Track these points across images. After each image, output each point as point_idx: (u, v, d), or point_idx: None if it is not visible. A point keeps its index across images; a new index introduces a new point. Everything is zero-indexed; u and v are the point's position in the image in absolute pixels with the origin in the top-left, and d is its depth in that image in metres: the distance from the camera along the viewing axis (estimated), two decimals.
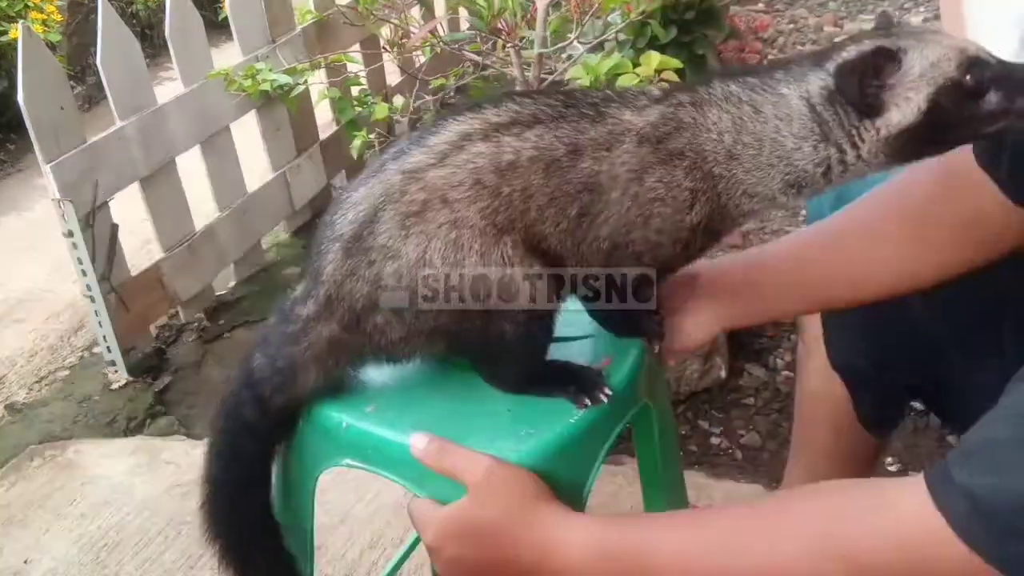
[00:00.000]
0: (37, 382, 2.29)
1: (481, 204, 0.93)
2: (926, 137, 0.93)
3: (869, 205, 1.10)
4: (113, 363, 2.22)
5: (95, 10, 2.11)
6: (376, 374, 1.05)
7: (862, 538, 0.75)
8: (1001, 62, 0.92)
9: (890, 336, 1.17)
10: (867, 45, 0.93)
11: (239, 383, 1.06)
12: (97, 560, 1.71)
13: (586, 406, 0.98)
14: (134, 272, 2.25)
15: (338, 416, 1.00)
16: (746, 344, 2.11)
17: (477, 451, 0.92)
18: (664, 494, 1.22)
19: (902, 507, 0.74)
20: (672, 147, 0.95)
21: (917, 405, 1.71)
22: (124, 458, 1.95)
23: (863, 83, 0.91)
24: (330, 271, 0.97)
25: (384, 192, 0.95)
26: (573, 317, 1.08)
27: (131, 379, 2.22)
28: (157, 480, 1.89)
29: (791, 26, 3.98)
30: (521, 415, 0.98)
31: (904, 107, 0.91)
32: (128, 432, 2.08)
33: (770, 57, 3.71)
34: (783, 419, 1.93)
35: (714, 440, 1.90)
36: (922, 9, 3.97)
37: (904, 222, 1.05)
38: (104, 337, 2.19)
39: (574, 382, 1.00)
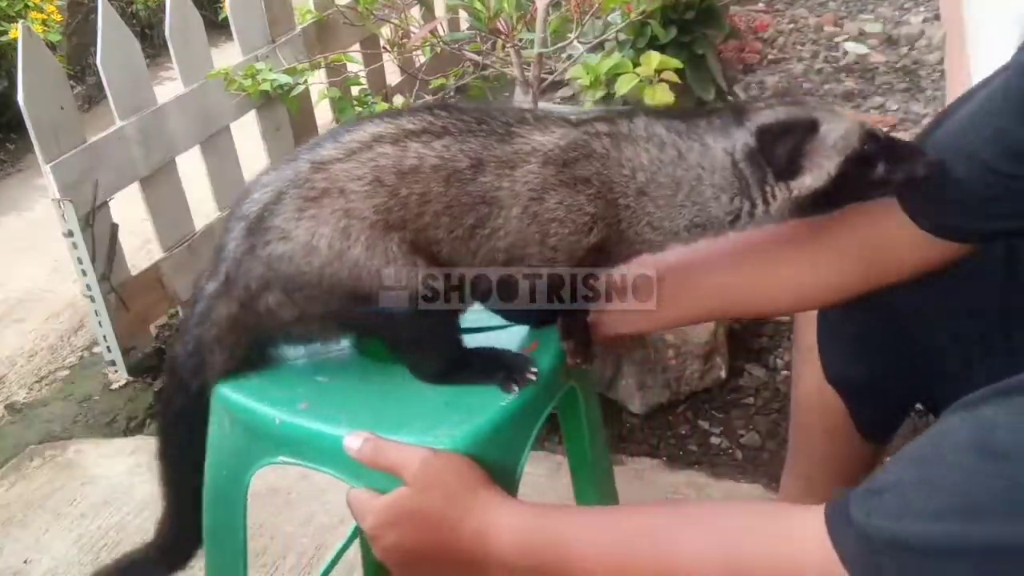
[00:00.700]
0: (37, 382, 2.30)
1: (377, 200, 0.97)
2: (827, 199, 1.00)
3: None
4: (113, 363, 2.22)
5: (95, 10, 2.11)
6: (308, 370, 1.08)
7: (762, 560, 0.78)
8: (888, 137, 1.02)
9: (885, 347, 1.17)
10: (790, 113, 1.01)
11: (166, 372, 1.14)
12: (97, 560, 1.71)
13: (514, 390, 1.01)
14: (134, 272, 2.25)
15: (272, 413, 1.02)
16: (746, 344, 2.12)
17: (411, 444, 0.95)
18: (593, 474, 1.27)
19: (804, 538, 0.75)
20: (578, 173, 0.99)
21: (919, 406, 1.71)
22: (124, 458, 1.95)
23: (789, 147, 0.98)
24: (231, 248, 1.02)
25: (291, 178, 1.00)
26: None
27: (131, 379, 2.22)
28: (157, 480, 1.89)
29: (791, 26, 3.98)
30: (454, 403, 1.01)
31: (817, 172, 0.99)
32: (128, 432, 2.08)
33: (770, 57, 3.71)
34: (783, 419, 1.93)
35: (714, 440, 1.90)
36: (922, 9, 3.97)
37: (805, 244, 1.08)
38: (104, 337, 2.19)
39: (500, 368, 1.03)
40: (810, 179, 0.99)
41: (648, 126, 1.02)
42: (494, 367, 1.04)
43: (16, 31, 3.11)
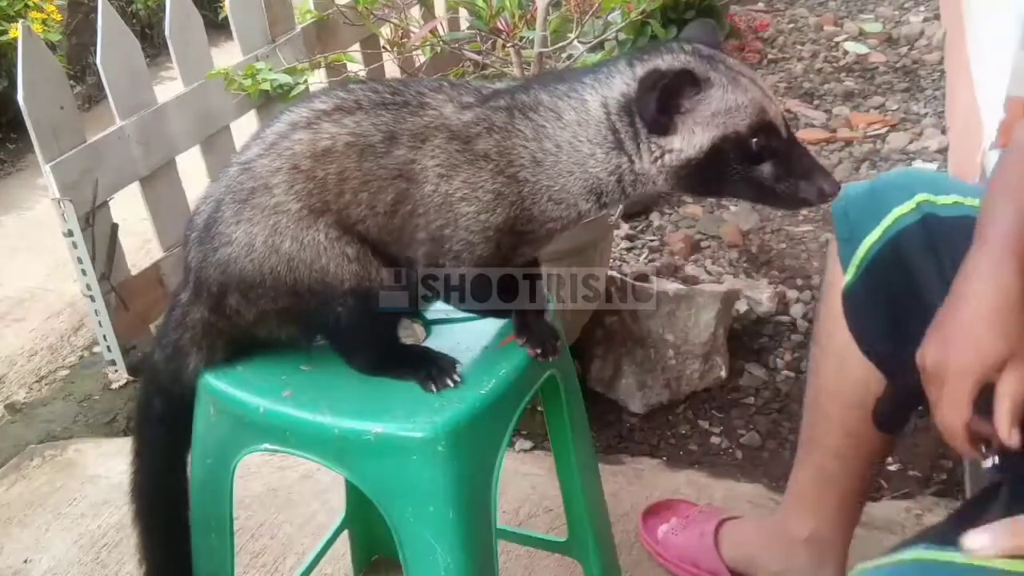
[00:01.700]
0: (37, 381, 2.29)
1: (297, 187, 0.99)
2: (703, 176, 0.93)
3: None
4: (113, 362, 2.22)
5: (95, 10, 2.11)
6: (291, 359, 1.11)
7: None
8: (791, 140, 0.92)
9: (908, 325, 1.13)
10: (678, 61, 0.93)
11: (145, 377, 1.17)
12: (97, 559, 1.71)
13: (433, 390, 1.03)
14: (134, 271, 2.25)
15: (256, 402, 1.05)
16: (746, 344, 2.12)
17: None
18: (576, 459, 1.29)
19: None
20: (479, 148, 0.98)
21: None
22: (124, 457, 1.93)
23: (659, 98, 0.90)
24: (192, 259, 1.06)
25: (225, 185, 1.04)
26: None
27: (131, 379, 2.22)
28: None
29: (791, 25, 3.98)
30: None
31: (688, 138, 0.92)
32: (128, 431, 2.08)
33: (769, 56, 3.71)
34: (783, 419, 1.93)
35: (714, 440, 1.90)
36: (922, 9, 3.97)
37: None
38: (104, 336, 2.19)
39: (426, 367, 1.05)
40: (679, 143, 0.92)
41: (535, 94, 0.99)
42: (419, 366, 1.06)
43: (16, 31, 3.11)
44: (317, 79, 2.42)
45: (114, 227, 2.16)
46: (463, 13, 2.89)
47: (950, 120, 2.88)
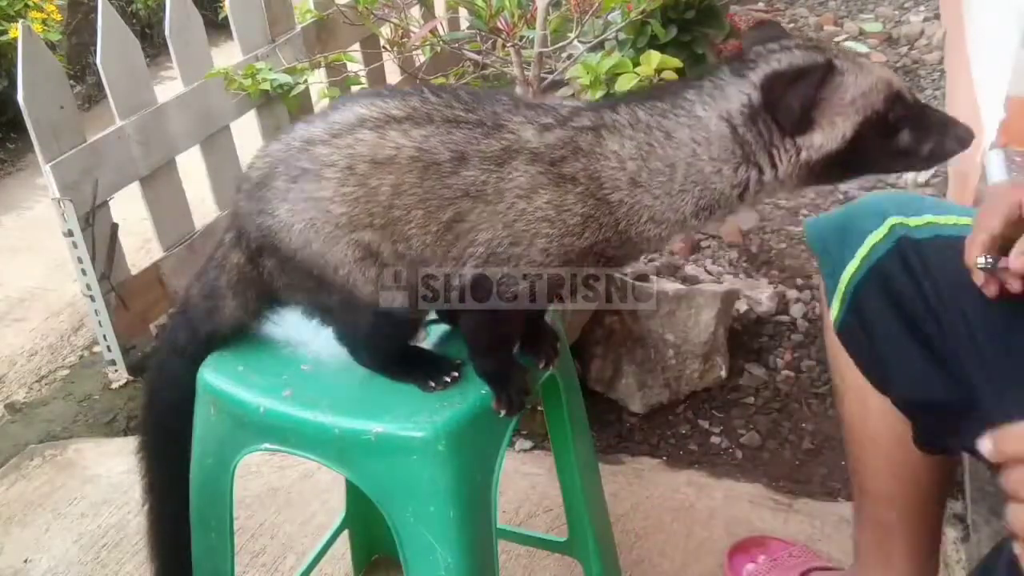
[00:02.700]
0: (37, 381, 2.29)
1: (346, 189, 0.97)
2: (842, 164, 0.91)
3: None
4: (113, 362, 2.22)
5: (95, 9, 2.11)
6: (292, 358, 1.12)
7: None
8: (917, 102, 0.91)
9: (907, 352, 1.11)
10: (804, 57, 0.90)
11: (178, 308, 1.17)
12: (97, 559, 1.71)
13: (432, 388, 1.04)
14: (134, 271, 2.25)
15: (255, 402, 1.05)
16: (746, 344, 2.11)
17: None
18: (576, 459, 1.29)
19: None
20: (566, 171, 0.94)
21: None
22: (124, 457, 1.95)
23: (800, 96, 0.87)
24: (240, 206, 1.06)
25: (283, 153, 1.02)
26: None
27: (131, 378, 2.22)
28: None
29: (791, 25, 3.97)
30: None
31: (829, 131, 0.89)
32: (128, 431, 2.08)
33: None
34: (783, 418, 1.93)
35: (714, 439, 1.90)
36: (922, 8, 3.97)
37: None
38: (104, 336, 2.19)
39: (424, 368, 1.06)
40: (821, 138, 0.89)
41: (631, 113, 0.95)
42: (419, 366, 1.06)
43: (16, 30, 3.11)
44: (317, 79, 2.42)
45: (114, 227, 2.16)
46: (463, 13, 2.89)
47: None
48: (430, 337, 1.16)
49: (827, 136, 0.89)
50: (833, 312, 1.16)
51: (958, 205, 1.20)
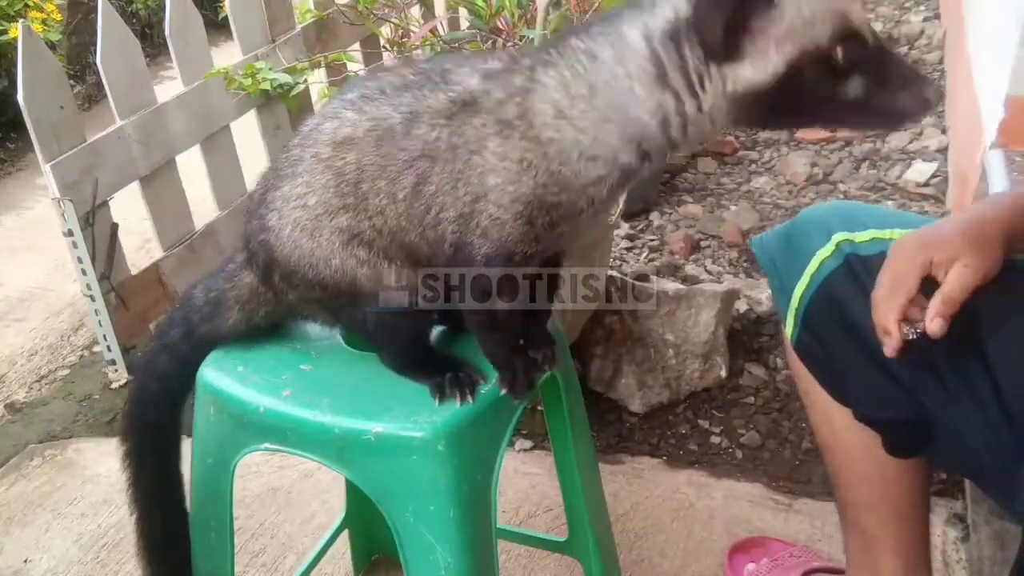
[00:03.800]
0: (37, 381, 2.29)
1: (317, 178, 0.99)
2: (771, 105, 0.79)
3: None
4: (113, 362, 2.22)
5: (95, 9, 2.11)
6: (291, 358, 1.12)
7: None
8: (880, 46, 0.78)
9: (859, 368, 1.10)
10: None
11: (178, 305, 1.18)
12: (97, 559, 1.71)
13: (436, 400, 1.02)
14: (134, 271, 2.25)
15: (255, 402, 1.05)
16: (746, 343, 2.11)
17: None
18: (576, 459, 1.29)
19: None
20: (502, 116, 0.88)
21: None
22: None
23: (727, 15, 0.76)
24: (247, 229, 1.08)
25: (275, 167, 1.06)
26: None
27: (131, 378, 2.22)
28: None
29: None
30: None
31: (759, 62, 0.77)
32: None
33: None
34: (783, 418, 1.93)
35: (714, 439, 1.90)
36: (922, 8, 3.97)
37: None
38: (104, 336, 2.19)
39: (444, 375, 1.04)
40: (749, 69, 0.77)
41: (567, 39, 0.88)
42: (439, 372, 1.04)
43: (16, 30, 3.11)
44: (317, 79, 2.42)
45: (114, 227, 2.16)
46: (463, 13, 2.89)
47: (950, 120, 2.88)
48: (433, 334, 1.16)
49: (756, 67, 0.77)
50: (788, 329, 1.16)
51: (898, 214, 1.20)
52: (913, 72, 0.79)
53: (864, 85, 0.78)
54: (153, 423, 1.19)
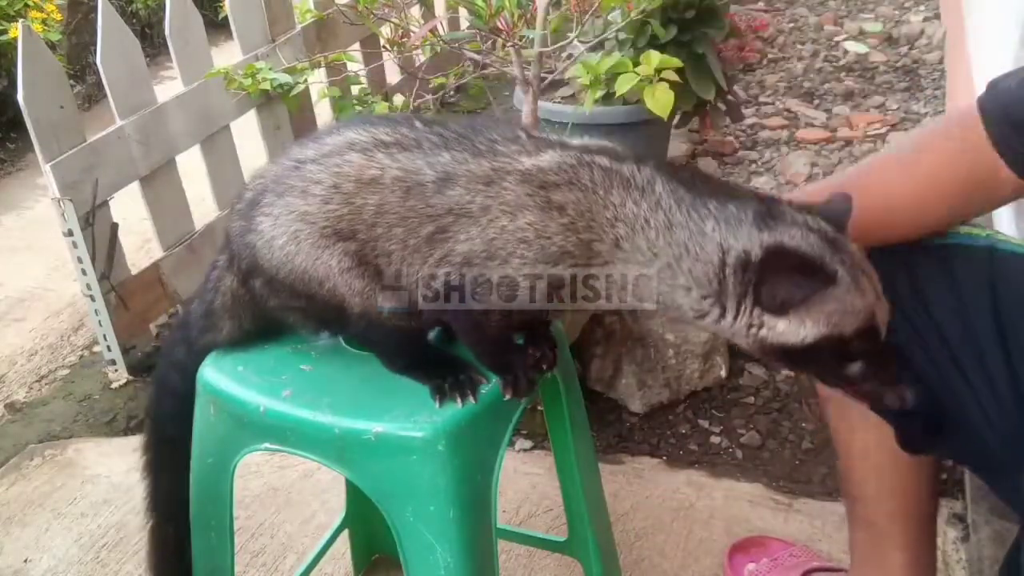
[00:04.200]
0: (37, 381, 2.29)
1: (331, 207, 0.99)
2: (785, 355, 0.90)
3: (896, 158, 1.09)
4: (113, 362, 2.22)
5: (95, 9, 2.11)
6: (291, 358, 1.12)
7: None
8: (885, 344, 0.90)
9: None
10: (818, 251, 0.86)
11: (177, 324, 1.21)
12: (97, 559, 1.71)
13: (437, 403, 1.02)
14: (134, 271, 2.25)
15: (255, 402, 1.05)
16: None
17: None
18: (576, 459, 1.29)
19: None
20: (555, 198, 0.91)
21: None
22: (124, 457, 1.95)
23: (792, 289, 0.86)
24: (232, 229, 1.08)
25: (276, 173, 1.04)
26: None
27: (131, 378, 2.22)
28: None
29: (791, 25, 3.97)
30: None
31: (794, 327, 0.87)
32: (128, 431, 2.08)
33: (770, 56, 3.71)
34: (783, 418, 1.93)
35: (714, 439, 1.90)
36: (922, 8, 3.97)
37: (920, 175, 1.03)
38: (104, 336, 2.19)
39: (445, 378, 1.04)
40: (784, 328, 0.87)
41: (652, 178, 0.91)
42: (441, 374, 1.04)
43: (16, 30, 3.11)
44: (317, 78, 2.42)
45: (114, 227, 2.16)
46: (463, 13, 2.89)
47: None
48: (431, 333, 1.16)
49: (791, 330, 0.87)
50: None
51: None
52: (900, 374, 0.90)
53: (862, 370, 0.89)
54: (170, 438, 1.21)
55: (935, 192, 1.02)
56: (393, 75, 3.22)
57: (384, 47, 2.12)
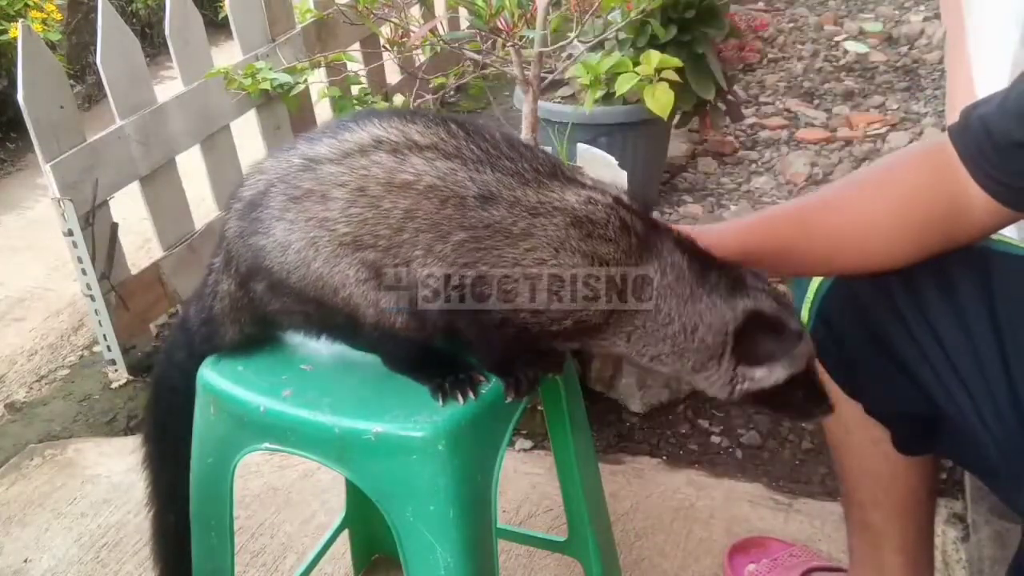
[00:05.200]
0: (37, 381, 2.29)
1: (354, 211, 0.95)
2: (757, 396, 1.02)
3: (861, 186, 1.09)
4: (113, 362, 2.22)
5: (95, 9, 2.11)
6: (291, 358, 1.12)
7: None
8: (815, 372, 1.04)
9: (889, 375, 1.12)
10: (785, 315, 1.00)
11: (177, 326, 1.18)
12: (97, 559, 1.71)
13: (439, 400, 1.02)
14: (134, 271, 2.25)
15: (255, 401, 1.05)
16: None
17: None
18: (576, 459, 1.29)
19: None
20: (601, 252, 0.95)
21: None
22: (124, 457, 1.95)
23: (769, 351, 0.99)
24: (228, 230, 1.05)
25: (281, 171, 1.00)
26: None
27: (131, 378, 2.22)
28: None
29: (791, 25, 3.97)
30: None
31: (768, 373, 1.00)
32: (128, 431, 2.08)
33: (770, 56, 3.71)
34: (783, 418, 1.93)
35: (714, 439, 1.90)
36: (922, 8, 3.97)
37: (892, 206, 1.04)
38: (104, 336, 2.19)
39: (445, 376, 1.03)
40: (761, 375, 1.00)
41: (672, 251, 0.99)
42: (441, 373, 1.04)
43: (16, 30, 3.11)
44: (317, 78, 2.42)
45: (114, 226, 2.16)
46: (463, 12, 2.89)
47: (950, 119, 2.88)
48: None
49: (767, 377, 1.00)
50: (803, 318, 1.17)
51: None
52: (823, 393, 1.05)
53: (803, 396, 1.04)
54: (171, 431, 1.20)
55: (902, 222, 1.03)
56: (393, 75, 3.22)
57: (384, 47, 2.12)
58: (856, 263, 1.08)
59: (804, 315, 1.17)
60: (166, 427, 1.22)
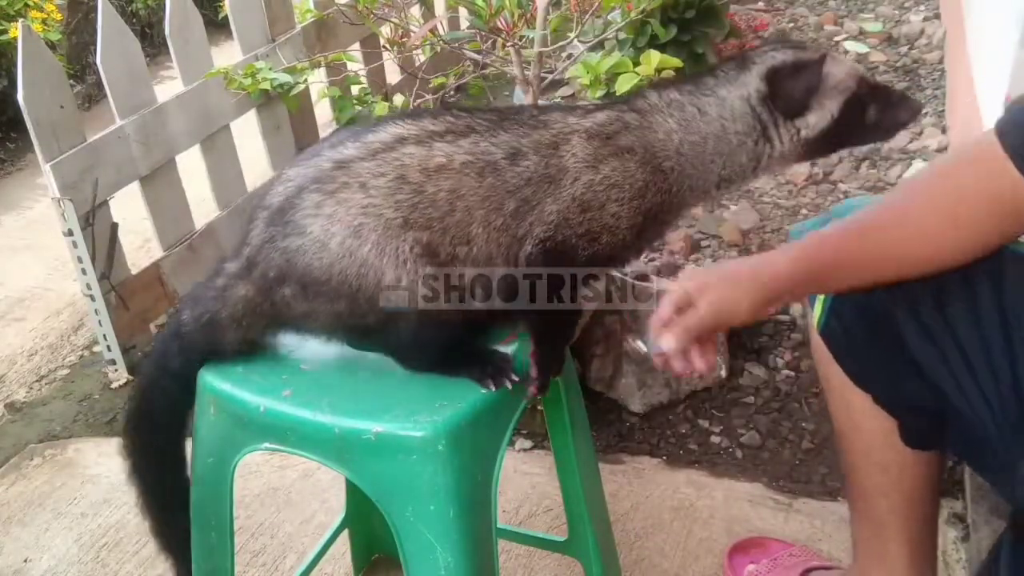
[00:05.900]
0: (37, 381, 2.30)
1: (400, 197, 0.99)
2: (829, 139, 1.08)
3: (910, 193, 1.09)
4: (113, 362, 2.22)
5: (95, 9, 2.11)
6: (291, 358, 1.12)
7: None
8: (877, 83, 1.09)
9: (899, 365, 1.11)
10: (798, 55, 1.06)
11: (169, 334, 1.16)
12: (97, 559, 1.71)
13: (491, 387, 1.04)
14: (134, 271, 2.25)
15: (255, 401, 1.05)
16: (746, 343, 2.11)
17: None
18: (576, 459, 1.30)
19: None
20: (622, 143, 1.04)
21: None
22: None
23: (803, 86, 1.04)
24: (254, 235, 1.05)
25: (313, 175, 1.02)
26: None
27: (131, 378, 2.22)
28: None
29: (791, 25, 3.97)
30: (433, 391, 1.05)
31: (820, 112, 1.06)
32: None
33: None
34: (783, 418, 1.93)
35: (714, 439, 1.90)
36: (922, 8, 3.97)
37: (945, 211, 1.03)
38: (104, 336, 2.19)
39: (482, 364, 1.06)
40: (814, 118, 1.05)
41: (663, 95, 1.08)
42: (476, 362, 1.07)
43: (16, 30, 3.11)
44: (317, 78, 2.42)
45: (114, 226, 2.16)
46: (463, 12, 2.89)
47: (950, 119, 2.88)
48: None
49: (820, 116, 1.06)
50: (816, 314, 1.18)
51: None
52: (900, 94, 1.10)
53: (875, 110, 1.07)
54: (161, 425, 1.20)
55: (956, 223, 1.02)
56: (393, 75, 3.22)
57: (384, 47, 2.13)
58: (924, 270, 1.06)
59: (817, 309, 1.18)
60: (154, 437, 1.21)
